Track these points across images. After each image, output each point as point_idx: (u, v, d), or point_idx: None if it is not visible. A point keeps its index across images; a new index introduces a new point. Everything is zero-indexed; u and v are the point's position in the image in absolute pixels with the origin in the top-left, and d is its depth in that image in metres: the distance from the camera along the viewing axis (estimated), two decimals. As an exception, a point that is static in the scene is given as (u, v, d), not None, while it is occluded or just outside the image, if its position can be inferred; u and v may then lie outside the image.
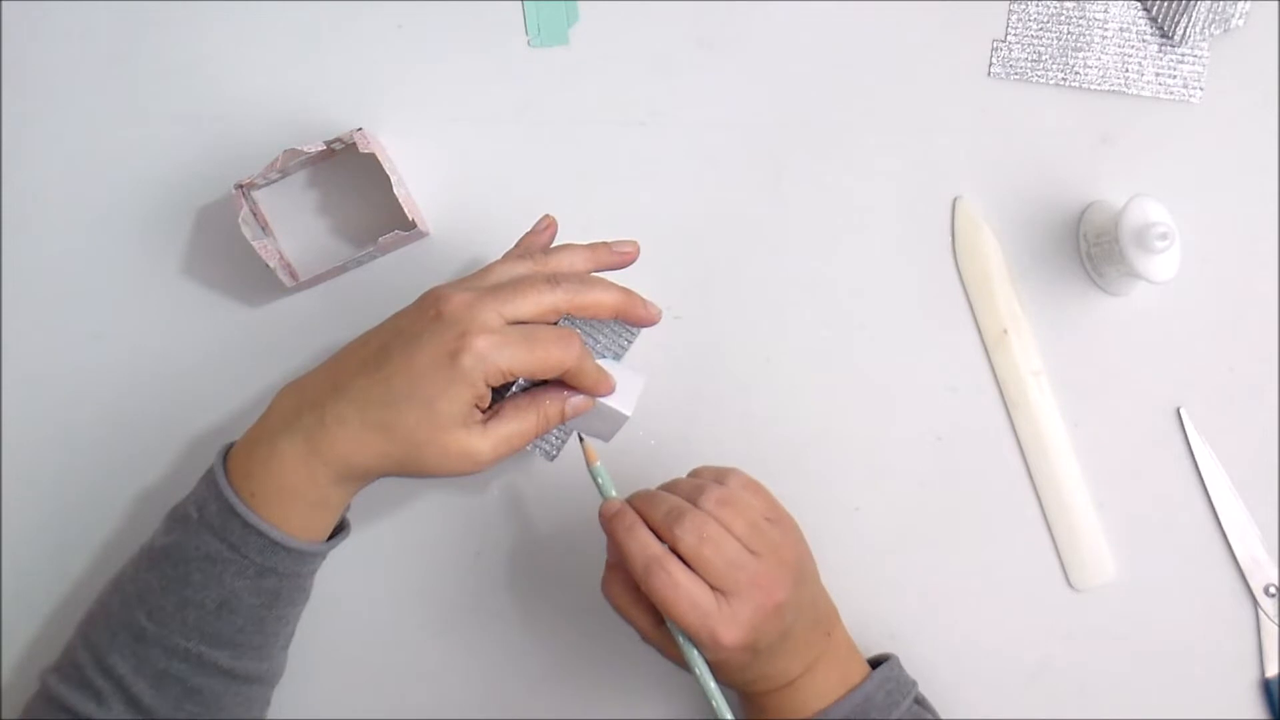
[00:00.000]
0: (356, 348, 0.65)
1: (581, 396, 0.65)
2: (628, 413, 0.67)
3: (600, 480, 0.66)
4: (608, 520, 0.64)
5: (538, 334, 0.62)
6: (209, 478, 0.65)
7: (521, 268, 0.65)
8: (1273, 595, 0.78)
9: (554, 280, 0.64)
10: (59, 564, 0.77)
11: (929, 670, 0.74)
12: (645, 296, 0.66)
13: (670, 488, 0.65)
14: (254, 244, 0.73)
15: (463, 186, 0.78)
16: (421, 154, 0.78)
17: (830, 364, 0.78)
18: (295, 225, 0.78)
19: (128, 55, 0.78)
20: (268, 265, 0.74)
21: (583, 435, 0.68)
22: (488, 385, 0.61)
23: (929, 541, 0.78)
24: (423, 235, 0.77)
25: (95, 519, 0.77)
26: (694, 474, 0.67)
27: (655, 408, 0.78)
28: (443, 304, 0.62)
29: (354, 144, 0.74)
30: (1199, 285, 0.77)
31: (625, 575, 0.64)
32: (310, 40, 0.78)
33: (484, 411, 0.64)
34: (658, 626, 0.64)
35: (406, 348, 0.62)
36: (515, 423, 0.64)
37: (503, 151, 0.78)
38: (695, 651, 0.63)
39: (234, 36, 0.78)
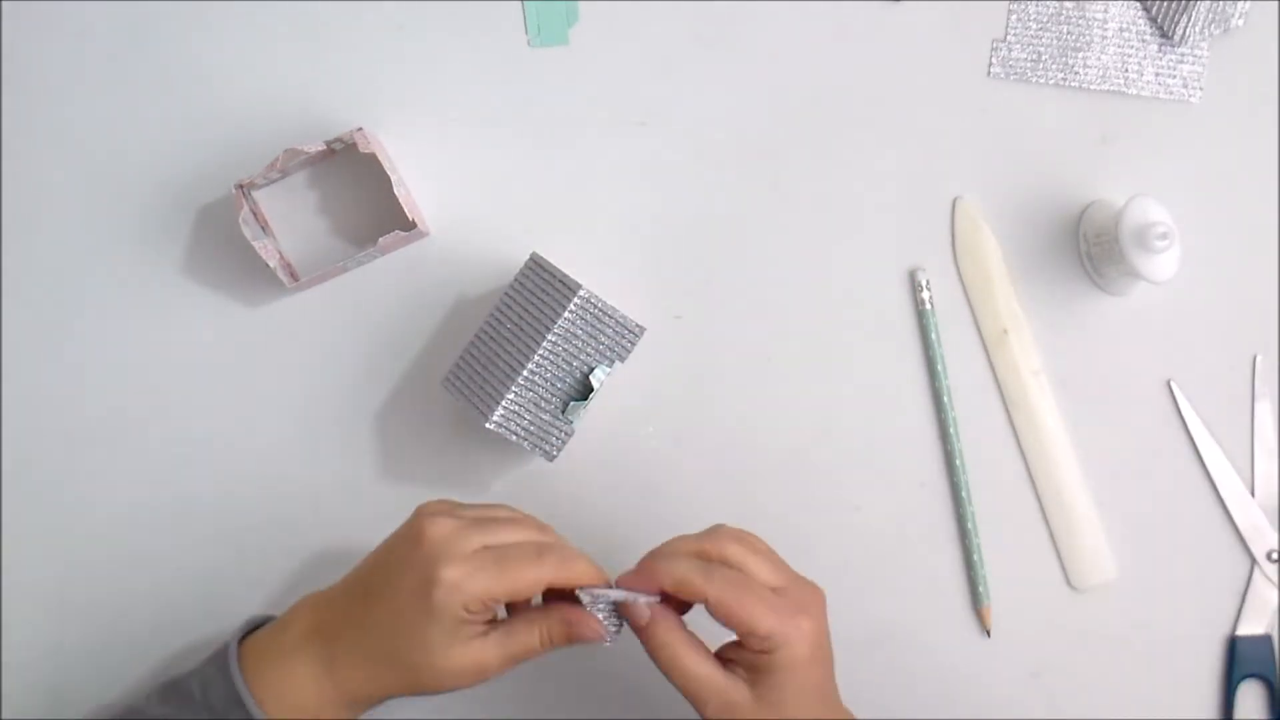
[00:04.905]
0: (366, 566, 0.65)
1: (587, 621, 0.63)
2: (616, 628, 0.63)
3: None
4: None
5: (509, 555, 0.61)
6: (219, 663, 0.64)
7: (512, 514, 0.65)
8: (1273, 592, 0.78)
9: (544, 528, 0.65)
10: (59, 564, 0.77)
11: (930, 669, 0.74)
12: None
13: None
14: (254, 244, 0.73)
15: (463, 186, 0.78)
16: (421, 154, 0.78)
17: (830, 364, 0.78)
18: (295, 225, 0.78)
19: (128, 55, 0.78)
20: (268, 265, 0.74)
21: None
22: (469, 612, 0.60)
23: (928, 541, 0.78)
24: (423, 235, 0.77)
25: (95, 518, 0.77)
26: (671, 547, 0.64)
27: (655, 408, 0.78)
28: (425, 530, 0.62)
29: (354, 144, 0.74)
30: (1199, 285, 0.77)
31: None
32: (310, 40, 0.78)
33: (492, 621, 0.63)
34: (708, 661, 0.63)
35: (389, 578, 0.62)
36: (520, 636, 0.63)
37: (503, 151, 0.78)
38: None
39: (234, 36, 0.78)
